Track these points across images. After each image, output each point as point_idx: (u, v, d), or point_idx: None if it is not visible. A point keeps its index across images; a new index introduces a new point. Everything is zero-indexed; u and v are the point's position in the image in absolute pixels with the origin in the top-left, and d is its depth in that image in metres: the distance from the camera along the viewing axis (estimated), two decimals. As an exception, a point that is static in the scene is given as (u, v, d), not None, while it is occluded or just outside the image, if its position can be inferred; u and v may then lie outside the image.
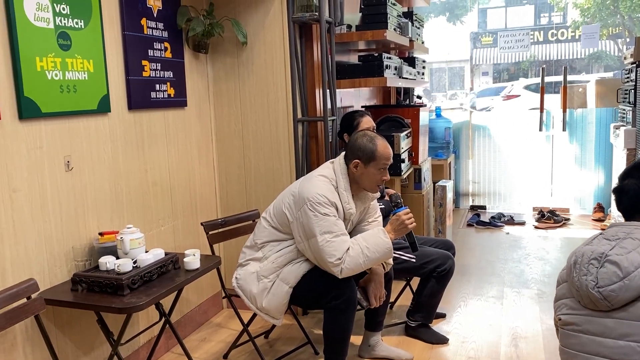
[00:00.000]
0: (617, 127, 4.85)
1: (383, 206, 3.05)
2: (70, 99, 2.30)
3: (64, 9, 2.25)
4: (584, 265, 1.59)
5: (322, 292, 2.37)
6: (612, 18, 20.68)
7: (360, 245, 2.32)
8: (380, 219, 2.70)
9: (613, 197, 1.74)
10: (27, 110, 2.10)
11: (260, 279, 2.44)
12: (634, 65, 4.42)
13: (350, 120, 3.17)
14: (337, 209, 2.36)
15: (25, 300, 1.97)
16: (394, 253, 2.93)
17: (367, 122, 3.15)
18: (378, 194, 2.60)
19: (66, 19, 2.27)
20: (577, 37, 21.22)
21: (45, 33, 2.17)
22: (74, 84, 2.31)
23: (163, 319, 2.56)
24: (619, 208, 1.71)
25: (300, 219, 2.34)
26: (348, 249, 2.30)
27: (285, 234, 2.45)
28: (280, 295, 2.41)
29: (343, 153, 2.50)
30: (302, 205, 2.33)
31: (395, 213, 2.42)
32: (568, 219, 5.56)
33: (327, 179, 2.41)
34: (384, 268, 2.57)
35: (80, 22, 2.34)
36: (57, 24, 2.22)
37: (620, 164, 4.62)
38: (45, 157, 2.22)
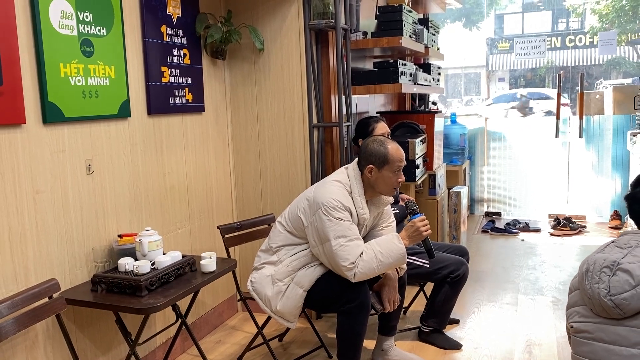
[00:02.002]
0: (634, 134, 4.81)
1: (397, 211, 3.07)
2: (92, 104, 2.36)
3: (87, 16, 2.32)
4: (595, 273, 1.59)
5: (336, 296, 2.39)
6: (630, 24, 20.44)
7: (374, 250, 2.34)
8: (394, 224, 2.72)
9: (625, 204, 1.74)
10: (51, 115, 2.16)
11: (275, 282, 2.47)
12: (652, 72, 4.39)
13: (365, 126, 3.20)
14: (351, 214, 2.38)
15: (47, 299, 2.02)
16: (408, 258, 2.95)
17: (382, 127, 3.17)
18: (392, 199, 2.63)
19: (89, 26, 2.33)
20: (595, 43, 21.01)
21: (69, 40, 2.24)
22: (95, 90, 2.38)
23: (179, 320, 2.60)
24: (631, 216, 1.71)
25: (315, 223, 2.37)
26: (362, 253, 2.32)
27: (300, 238, 2.48)
28: (295, 298, 2.44)
29: (356, 159, 2.53)
30: (317, 210, 2.36)
31: (411, 220, 2.44)
32: (584, 227, 5.52)
33: (342, 184, 2.44)
34: (397, 273, 2.59)
35: (103, 29, 2.41)
36: (80, 31, 2.29)
37: (637, 172, 4.58)
38: (68, 161, 2.28)
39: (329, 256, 2.35)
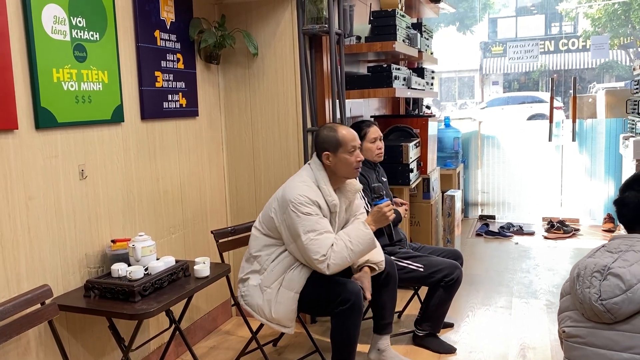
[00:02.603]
0: (626, 138, 4.84)
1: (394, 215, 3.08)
2: (85, 109, 2.35)
3: (80, 21, 2.32)
4: (587, 278, 1.59)
5: (329, 299, 2.41)
6: (623, 28, 20.61)
7: (343, 240, 2.38)
8: (364, 216, 2.70)
9: (614, 209, 1.75)
10: (43, 120, 2.16)
11: (263, 290, 2.49)
12: (643, 76, 4.42)
13: (357, 129, 3.18)
14: (320, 207, 2.42)
15: (39, 305, 2.01)
16: (402, 262, 2.97)
17: (375, 131, 3.18)
18: (360, 186, 2.67)
19: (82, 31, 2.33)
20: (587, 46, 21.14)
21: (62, 45, 2.23)
22: (89, 95, 2.37)
23: (173, 326, 2.59)
24: (621, 220, 1.72)
25: (286, 221, 2.42)
26: (332, 244, 2.36)
27: (277, 239, 2.52)
28: (287, 302, 2.44)
29: (315, 152, 2.57)
30: (286, 208, 2.40)
31: (377, 204, 2.49)
32: (578, 230, 5.54)
33: (307, 178, 2.49)
34: (375, 269, 2.61)
35: (96, 34, 2.40)
36: (73, 36, 2.28)
37: (630, 175, 4.61)
38: (60, 166, 2.27)
39: (302, 252, 2.39)
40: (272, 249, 2.51)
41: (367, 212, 2.60)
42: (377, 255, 2.63)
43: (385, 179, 3.31)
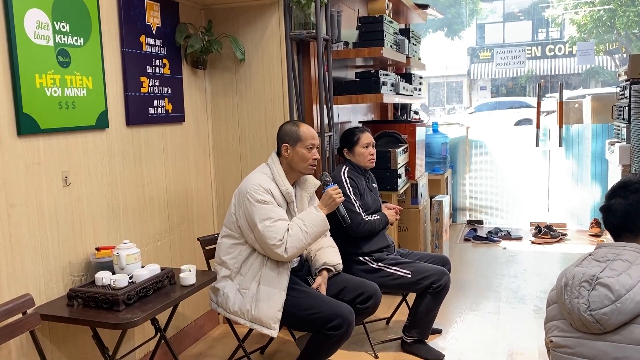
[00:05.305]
0: (612, 144, 4.88)
1: (378, 217, 3.08)
2: (68, 115, 2.32)
3: (63, 26, 2.28)
4: (575, 288, 1.58)
5: (322, 318, 2.44)
6: (608, 34, 20.86)
7: (297, 224, 2.47)
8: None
9: (601, 216, 1.74)
10: (25, 126, 2.12)
11: (242, 292, 2.52)
12: (628, 82, 4.46)
13: (350, 135, 3.20)
14: (273, 196, 2.50)
15: (20, 315, 1.97)
16: (390, 269, 2.97)
17: (367, 137, 3.18)
18: (318, 182, 2.75)
19: (66, 36, 2.30)
20: (574, 52, 21.36)
21: (45, 50, 2.20)
22: (72, 101, 2.34)
23: (158, 335, 2.56)
24: (607, 228, 1.71)
25: (244, 212, 2.49)
26: (288, 229, 2.44)
27: (239, 235, 2.57)
28: (270, 299, 2.47)
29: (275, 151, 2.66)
30: (244, 199, 2.50)
31: (325, 190, 2.58)
32: (565, 234, 5.57)
33: (262, 172, 2.59)
34: (333, 271, 2.70)
35: (80, 39, 2.37)
36: (56, 41, 2.25)
37: (615, 180, 4.64)
38: (43, 173, 2.23)
39: (259, 240, 2.46)
40: (237, 249, 2.56)
41: (342, 219, 2.63)
42: (335, 257, 2.73)
43: (375, 185, 3.31)
